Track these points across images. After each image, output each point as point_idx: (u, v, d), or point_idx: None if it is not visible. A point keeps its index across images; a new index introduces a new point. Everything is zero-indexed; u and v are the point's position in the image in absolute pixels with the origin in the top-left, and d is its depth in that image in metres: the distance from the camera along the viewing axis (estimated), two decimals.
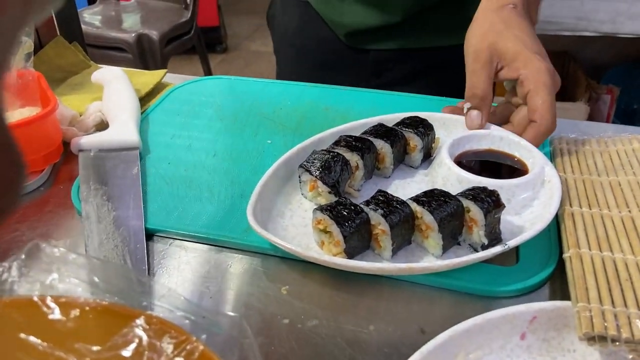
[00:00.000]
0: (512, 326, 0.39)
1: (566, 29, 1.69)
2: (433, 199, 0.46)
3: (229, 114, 0.69)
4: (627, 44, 1.75)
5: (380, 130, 0.57)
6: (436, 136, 0.59)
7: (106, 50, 2.20)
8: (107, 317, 0.28)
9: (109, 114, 0.64)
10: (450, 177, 0.53)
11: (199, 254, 0.49)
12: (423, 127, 0.57)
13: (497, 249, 0.44)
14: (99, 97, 0.69)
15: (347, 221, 0.45)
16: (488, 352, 0.38)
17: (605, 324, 0.37)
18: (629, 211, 0.48)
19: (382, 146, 0.56)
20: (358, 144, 0.55)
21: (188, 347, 0.27)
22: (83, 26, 0.87)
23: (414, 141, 0.57)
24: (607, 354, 0.38)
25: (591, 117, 1.77)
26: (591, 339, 0.37)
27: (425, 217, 0.46)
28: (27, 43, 0.61)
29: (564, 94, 1.97)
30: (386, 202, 0.47)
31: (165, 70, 0.79)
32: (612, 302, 0.39)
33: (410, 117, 0.59)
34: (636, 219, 0.47)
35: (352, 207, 0.46)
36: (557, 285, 0.45)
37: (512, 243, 0.44)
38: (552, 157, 0.59)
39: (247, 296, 0.45)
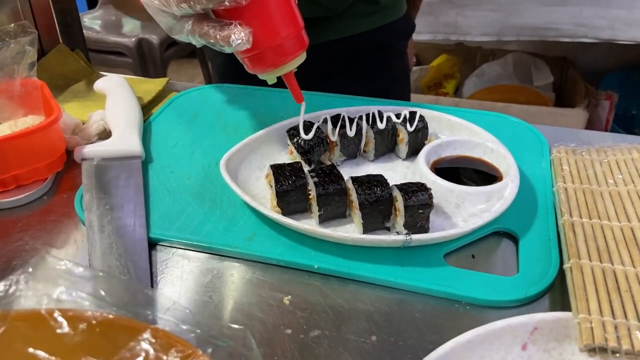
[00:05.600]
0: (513, 337, 0.39)
1: (565, 35, 1.70)
2: (368, 182, 0.50)
3: (232, 122, 0.69)
4: (626, 51, 1.76)
5: (372, 117, 0.61)
6: (429, 135, 0.62)
7: (106, 55, 2.20)
8: (114, 331, 0.28)
9: (112, 123, 0.65)
10: (423, 178, 0.55)
11: (201, 263, 0.50)
12: (414, 123, 0.60)
13: (399, 237, 0.47)
14: (101, 105, 0.69)
15: (285, 180, 0.51)
16: None
17: (606, 335, 0.37)
18: (629, 222, 0.48)
19: (368, 130, 0.60)
20: (343, 122, 0.60)
21: None
22: (83, 31, 0.87)
23: (403, 134, 0.60)
24: None
25: (590, 123, 1.78)
26: (592, 350, 0.37)
27: (353, 195, 0.50)
28: (30, 52, 0.61)
29: (563, 100, 1.98)
30: (328, 174, 0.51)
31: (167, 79, 0.80)
32: (613, 314, 0.39)
33: (411, 111, 0.62)
34: (636, 230, 0.47)
35: (297, 171, 0.52)
36: (557, 295, 0.45)
37: (415, 237, 0.47)
38: (551, 166, 0.59)
39: (249, 306, 0.45)
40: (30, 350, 0.27)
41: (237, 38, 0.47)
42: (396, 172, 0.60)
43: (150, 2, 0.50)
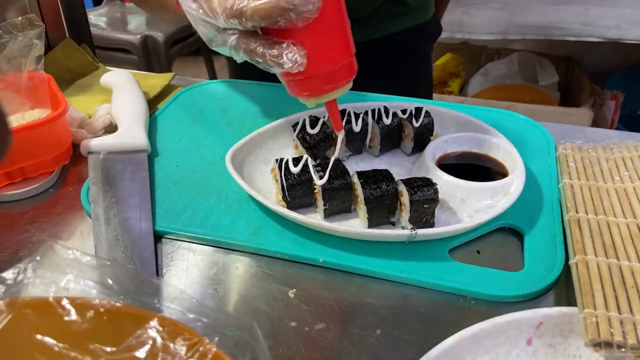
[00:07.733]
0: (518, 331, 0.39)
1: (571, 35, 1.70)
2: (374, 177, 0.50)
3: (237, 117, 0.69)
4: (632, 50, 1.76)
5: (378, 112, 0.61)
6: (435, 131, 0.62)
7: (111, 52, 2.21)
8: (121, 319, 0.29)
9: (118, 117, 0.65)
10: (428, 173, 0.55)
11: (206, 256, 0.50)
12: (420, 118, 0.60)
13: (404, 232, 0.48)
14: (107, 99, 0.69)
15: (290, 174, 0.51)
16: (494, 357, 0.39)
17: (611, 330, 0.37)
18: (635, 218, 0.48)
19: (374, 126, 0.60)
20: (349, 117, 0.60)
21: (201, 349, 0.27)
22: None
23: (408, 129, 0.60)
24: None
25: (595, 123, 1.77)
26: (597, 345, 0.37)
27: (358, 189, 0.50)
28: (37, 46, 0.62)
29: (568, 99, 1.97)
30: (333, 169, 0.51)
31: (173, 74, 0.80)
32: (618, 309, 0.39)
33: (416, 107, 0.62)
34: None
35: (302, 165, 0.52)
36: (563, 291, 0.45)
37: (420, 232, 0.48)
38: (557, 163, 0.59)
39: (254, 299, 0.45)
40: (38, 337, 0.27)
41: (291, 59, 0.44)
42: (401, 167, 0.60)
43: (191, 10, 0.47)
